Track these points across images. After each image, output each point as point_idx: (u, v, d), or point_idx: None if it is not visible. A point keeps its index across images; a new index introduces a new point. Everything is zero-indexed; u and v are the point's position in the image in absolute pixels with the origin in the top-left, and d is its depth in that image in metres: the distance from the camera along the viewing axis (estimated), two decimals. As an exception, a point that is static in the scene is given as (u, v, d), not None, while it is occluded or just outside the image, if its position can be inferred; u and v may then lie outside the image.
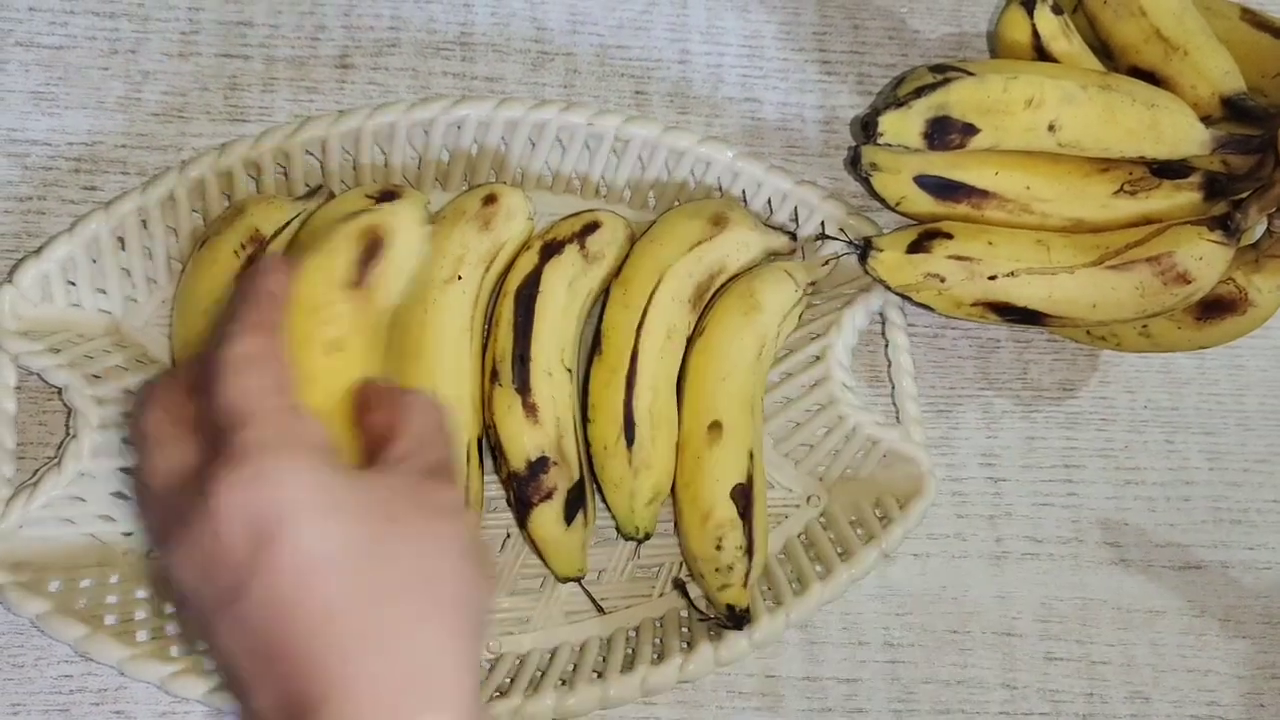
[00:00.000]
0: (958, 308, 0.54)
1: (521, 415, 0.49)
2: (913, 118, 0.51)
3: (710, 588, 0.50)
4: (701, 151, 0.55)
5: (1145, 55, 0.56)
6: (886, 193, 0.55)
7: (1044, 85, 0.52)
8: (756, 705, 0.53)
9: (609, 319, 0.52)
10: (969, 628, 0.56)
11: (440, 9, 0.61)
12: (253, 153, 0.52)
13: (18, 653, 0.50)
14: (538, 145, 0.55)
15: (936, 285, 0.53)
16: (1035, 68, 0.54)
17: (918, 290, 0.53)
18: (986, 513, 0.58)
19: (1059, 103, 0.52)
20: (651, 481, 0.51)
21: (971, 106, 0.52)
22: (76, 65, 0.57)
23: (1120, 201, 0.54)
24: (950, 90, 0.52)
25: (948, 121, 0.52)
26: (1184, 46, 0.55)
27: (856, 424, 0.54)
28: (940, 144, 0.52)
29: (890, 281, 0.53)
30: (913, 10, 0.64)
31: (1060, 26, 0.55)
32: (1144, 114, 0.53)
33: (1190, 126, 0.53)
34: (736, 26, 0.63)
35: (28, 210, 0.55)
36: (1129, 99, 0.53)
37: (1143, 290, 0.52)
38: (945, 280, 0.52)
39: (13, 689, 0.50)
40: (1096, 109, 0.52)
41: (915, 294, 0.53)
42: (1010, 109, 0.52)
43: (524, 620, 0.52)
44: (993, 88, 0.52)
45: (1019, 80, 0.52)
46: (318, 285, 0.37)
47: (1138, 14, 0.56)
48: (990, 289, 0.53)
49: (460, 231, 0.51)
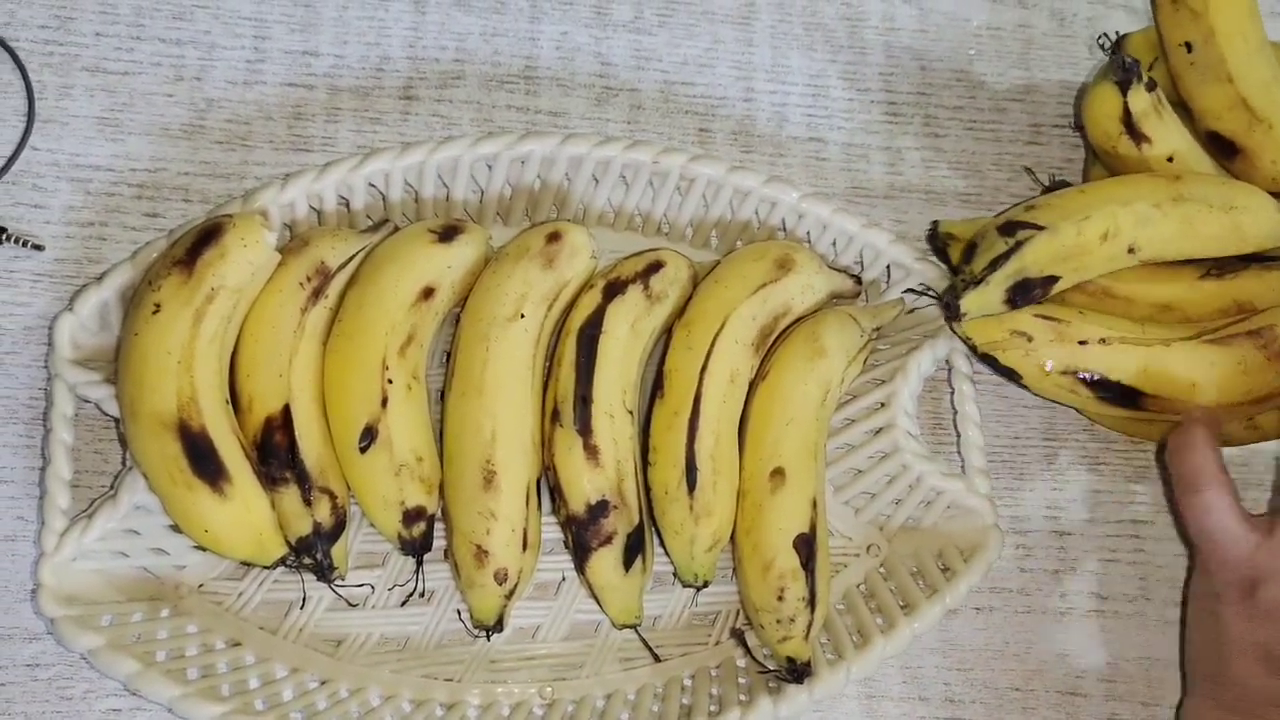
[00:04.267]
0: (1046, 377, 0.52)
1: (582, 457, 0.49)
2: (993, 291, 0.50)
3: (770, 639, 0.49)
4: (766, 192, 0.54)
5: (1227, 122, 0.55)
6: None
7: (1117, 215, 0.51)
8: (813, 761, 0.52)
9: (672, 361, 0.51)
10: (1032, 685, 0.55)
11: (505, 43, 0.60)
12: (316, 185, 0.51)
13: (66, 685, 0.50)
14: (601, 182, 0.55)
15: (1023, 345, 0.51)
16: (1105, 194, 0.52)
17: (1004, 349, 0.51)
18: (1051, 567, 0.56)
19: (1135, 227, 0.51)
20: (712, 528, 0.50)
21: (1048, 260, 0.50)
22: (142, 91, 0.57)
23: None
24: (1025, 255, 0.50)
25: (1028, 283, 0.50)
26: (1269, 120, 0.54)
27: (920, 474, 0.53)
28: (1024, 303, 0.51)
29: (977, 340, 0.52)
30: (980, 53, 0.64)
31: (1153, 103, 0.54)
32: (1223, 219, 0.51)
33: (1272, 221, 0.52)
34: (802, 65, 0.62)
35: (89, 236, 0.55)
36: (1205, 207, 0.51)
37: (1245, 366, 0.50)
38: (1033, 340, 0.51)
39: (61, 724, 0.49)
40: (1174, 224, 0.51)
41: (1001, 354, 0.52)
42: (1087, 249, 0.51)
43: (578, 665, 0.52)
44: (1066, 237, 0.50)
45: (1091, 220, 0.50)
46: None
47: (1225, 80, 0.55)
48: (1079, 355, 0.51)
49: (523, 269, 0.50)
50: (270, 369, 0.48)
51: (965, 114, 0.63)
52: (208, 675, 0.48)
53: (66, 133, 0.56)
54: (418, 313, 0.50)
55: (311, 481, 0.48)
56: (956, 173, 0.62)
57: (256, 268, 0.48)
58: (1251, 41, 0.55)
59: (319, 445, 0.48)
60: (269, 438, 0.47)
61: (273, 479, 0.47)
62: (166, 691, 0.46)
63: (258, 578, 0.51)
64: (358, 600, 0.51)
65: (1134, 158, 0.54)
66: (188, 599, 0.50)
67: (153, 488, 0.47)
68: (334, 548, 0.49)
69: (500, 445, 0.48)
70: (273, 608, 0.51)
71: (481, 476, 0.48)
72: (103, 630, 0.47)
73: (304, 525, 0.48)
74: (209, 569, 0.51)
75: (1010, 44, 0.64)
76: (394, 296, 0.49)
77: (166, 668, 0.47)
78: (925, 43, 0.64)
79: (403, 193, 0.53)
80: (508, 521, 0.48)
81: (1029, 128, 0.63)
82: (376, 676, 0.50)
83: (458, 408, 0.49)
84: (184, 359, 0.46)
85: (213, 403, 0.46)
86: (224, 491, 0.46)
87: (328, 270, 0.50)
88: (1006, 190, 0.62)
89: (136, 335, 0.46)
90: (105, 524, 0.48)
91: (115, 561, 0.49)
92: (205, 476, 0.45)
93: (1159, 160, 0.54)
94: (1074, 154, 0.63)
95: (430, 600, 0.52)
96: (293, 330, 0.49)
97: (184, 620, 0.50)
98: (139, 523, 0.49)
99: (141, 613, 0.49)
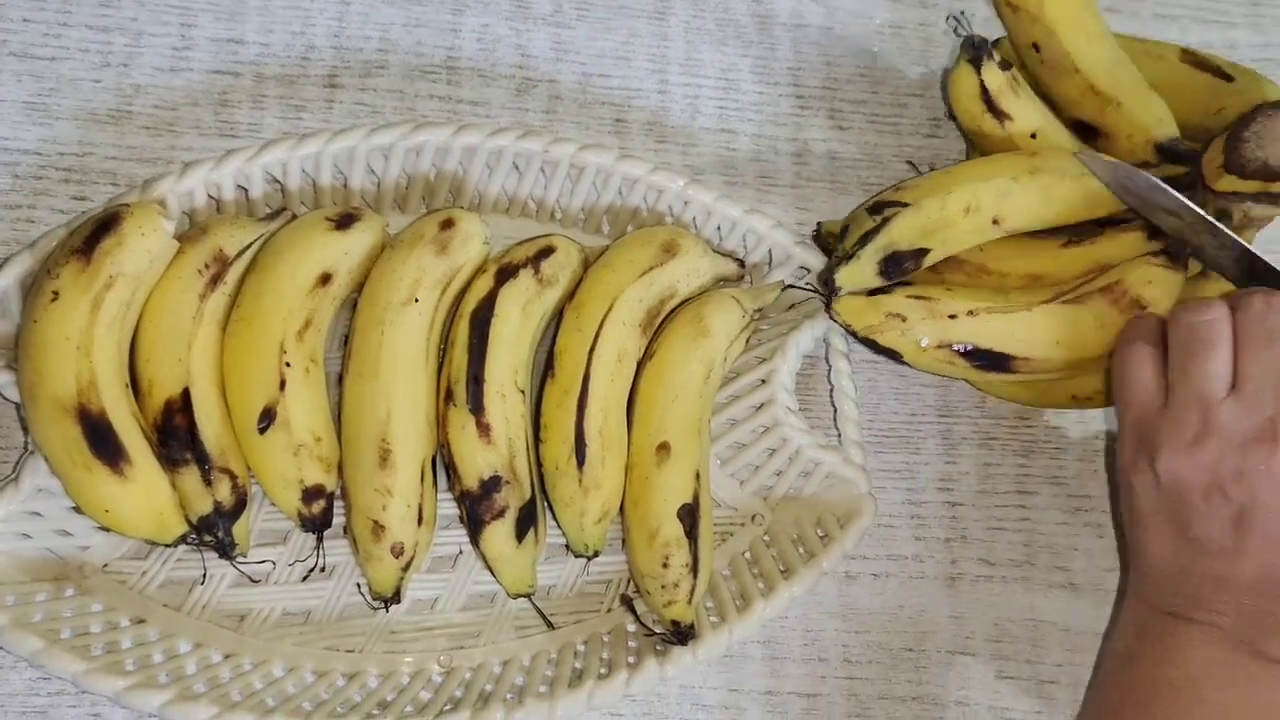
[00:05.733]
0: (923, 352, 0.55)
1: (475, 435, 0.51)
2: (865, 265, 0.53)
3: (656, 604, 0.52)
4: (654, 180, 0.56)
5: (1084, 108, 0.59)
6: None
7: (978, 190, 0.54)
8: (719, 718, 0.55)
9: (562, 342, 0.53)
10: (924, 646, 0.57)
11: (428, 33, 0.62)
12: (214, 174, 0.53)
13: (-5, 655, 0.51)
14: (494, 170, 0.57)
15: (899, 325, 0.54)
16: (967, 173, 0.55)
17: (881, 332, 0.54)
18: (943, 535, 0.59)
19: (995, 200, 0.54)
20: (601, 500, 0.52)
21: (915, 234, 0.54)
22: (69, 77, 0.58)
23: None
24: (891, 229, 0.53)
25: (898, 255, 0.54)
26: (1117, 99, 0.58)
27: (799, 446, 0.56)
28: (897, 275, 0.54)
29: (855, 324, 0.54)
30: (883, 50, 0.67)
31: (1008, 81, 0.57)
32: (1076, 185, 0.55)
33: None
34: (714, 59, 0.65)
35: (17, 219, 0.56)
36: (1059, 176, 0.55)
37: (1101, 321, 0.54)
38: (906, 320, 0.54)
39: (-11, 691, 0.50)
40: (1033, 194, 0.55)
41: (880, 336, 0.55)
42: (951, 222, 0.54)
43: (475, 634, 0.54)
44: (930, 211, 0.54)
45: (952, 195, 0.54)
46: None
47: (1072, 72, 0.58)
48: (951, 328, 0.54)
49: (417, 255, 0.52)
50: (169, 354, 0.49)
51: (868, 108, 0.66)
52: (112, 651, 0.49)
53: (-6, 116, 0.57)
54: (315, 298, 0.52)
55: (211, 462, 0.49)
56: (859, 163, 0.64)
57: (154, 255, 0.49)
58: (1089, 31, 0.59)
59: (219, 427, 0.50)
60: (169, 420, 0.49)
61: (173, 460, 0.49)
62: (71, 667, 0.47)
63: (161, 556, 0.52)
64: (260, 576, 0.53)
65: (1000, 136, 0.58)
66: (92, 578, 0.51)
67: (54, 470, 0.48)
68: (235, 526, 0.50)
69: (395, 424, 0.50)
70: (176, 586, 0.52)
71: (377, 455, 0.50)
72: (7, 609, 0.48)
73: (205, 504, 0.49)
74: (113, 549, 0.52)
75: (911, 41, 0.67)
76: (292, 282, 0.51)
77: (71, 644, 0.48)
78: (831, 39, 0.66)
79: (300, 181, 0.55)
80: (403, 497, 0.50)
81: (928, 121, 0.66)
82: (279, 650, 0.52)
83: (355, 389, 0.51)
84: (83, 344, 0.47)
85: (112, 387, 0.48)
86: (124, 472, 0.47)
87: (226, 258, 0.51)
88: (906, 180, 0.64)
89: (35, 322, 0.47)
90: (8, 506, 0.49)
91: (19, 543, 0.50)
92: (105, 458, 0.47)
93: (1023, 137, 0.58)
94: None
95: (330, 575, 0.54)
96: (192, 316, 0.50)
97: (89, 599, 0.51)
98: (42, 505, 0.50)
99: (46, 592, 0.50)
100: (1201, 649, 0.47)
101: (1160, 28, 0.69)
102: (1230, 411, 0.47)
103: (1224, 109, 0.57)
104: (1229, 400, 0.47)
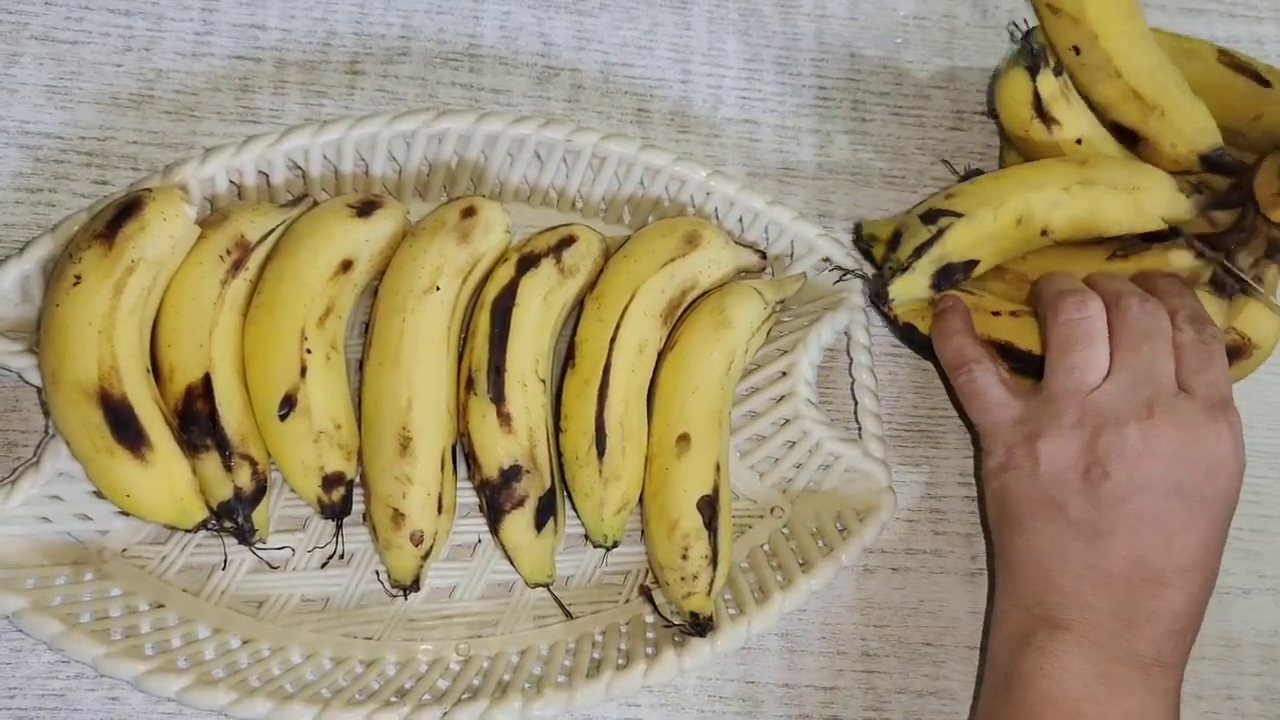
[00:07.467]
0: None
1: (495, 424, 0.51)
2: (918, 277, 0.54)
3: (675, 595, 0.52)
4: (676, 170, 0.56)
5: (1125, 114, 0.58)
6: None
7: (1029, 201, 0.54)
8: (736, 710, 0.55)
9: (583, 332, 0.53)
10: (943, 641, 0.57)
11: (450, 20, 0.62)
12: (235, 160, 0.53)
13: (16, 637, 0.51)
14: (516, 159, 0.56)
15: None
16: (1018, 180, 0.55)
17: (923, 317, 0.55)
18: (963, 530, 0.59)
19: (1047, 210, 0.54)
20: (620, 491, 0.52)
21: (969, 245, 0.54)
22: (90, 60, 0.58)
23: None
24: (946, 241, 0.54)
25: (950, 267, 0.54)
26: (1160, 106, 0.57)
27: (819, 439, 0.55)
28: (947, 286, 0.55)
29: (899, 311, 0.55)
30: (907, 42, 0.66)
31: (1060, 88, 0.56)
32: (1127, 199, 0.55)
33: (1171, 201, 0.55)
34: (737, 49, 0.64)
35: (38, 202, 0.56)
36: (1110, 189, 0.54)
37: None
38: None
39: (9, 673, 0.51)
40: (1083, 206, 0.54)
41: (920, 321, 0.55)
42: (1004, 233, 0.54)
43: (493, 623, 0.54)
44: (984, 222, 0.54)
45: (1006, 206, 0.54)
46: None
47: (1114, 75, 0.57)
48: (993, 325, 0.54)
49: (439, 243, 0.52)
50: (191, 339, 0.49)
51: (891, 100, 0.65)
52: (131, 635, 0.50)
53: (15, 100, 0.57)
54: (336, 285, 0.52)
55: (232, 448, 0.49)
56: (881, 156, 0.64)
57: (176, 241, 0.49)
58: (1133, 36, 0.57)
59: (239, 413, 0.50)
60: (190, 406, 0.49)
61: (194, 446, 0.49)
62: (90, 650, 0.48)
63: (180, 541, 0.53)
64: (279, 562, 0.53)
65: (1045, 141, 0.57)
66: (111, 563, 0.52)
67: (75, 454, 0.48)
68: (255, 512, 0.50)
69: (416, 412, 0.50)
70: (195, 571, 0.53)
71: (398, 442, 0.50)
72: (27, 593, 0.48)
73: (225, 490, 0.49)
74: (132, 534, 0.52)
75: (935, 34, 0.67)
76: (313, 269, 0.51)
77: (90, 628, 0.48)
78: (855, 30, 0.66)
79: (322, 168, 0.55)
80: (423, 485, 0.50)
81: (952, 114, 0.65)
82: (297, 636, 0.52)
83: (375, 377, 0.51)
84: (104, 329, 0.47)
85: (133, 371, 0.48)
86: (145, 457, 0.47)
87: (247, 244, 0.51)
88: (929, 173, 0.64)
89: (58, 306, 0.47)
90: (29, 490, 0.49)
91: (39, 527, 0.51)
92: (126, 443, 0.47)
93: (1069, 143, 0.57)
94: (993, 139, 0.65)
95: (349, 562, 0.54)
96: (213, 302, 0.50)
97: (108, 583, 0.51)
98: (62, 489, 0.50)
99: (66, 576, 0.50)
100: (1079, 661, 0.48)
101: (1187, 21, 0.68)
102: (1108, 395, 0.50)
103: (1262, 116, 0.57)
104: (1105, 385, 0.50)
